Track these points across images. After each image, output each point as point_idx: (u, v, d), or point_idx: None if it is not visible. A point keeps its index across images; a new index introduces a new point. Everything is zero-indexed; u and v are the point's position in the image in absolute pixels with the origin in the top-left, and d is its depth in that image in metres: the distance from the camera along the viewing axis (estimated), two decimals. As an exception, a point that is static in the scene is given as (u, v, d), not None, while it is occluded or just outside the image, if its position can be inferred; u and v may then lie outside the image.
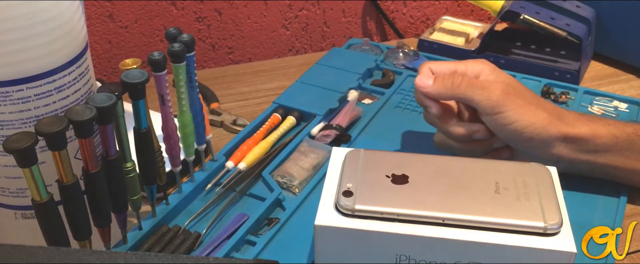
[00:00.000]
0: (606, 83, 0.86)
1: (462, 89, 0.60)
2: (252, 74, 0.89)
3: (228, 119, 0.77)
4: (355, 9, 1.04)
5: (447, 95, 0.61)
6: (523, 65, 0.86)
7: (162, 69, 0.52)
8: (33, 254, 0.40)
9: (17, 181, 0.50)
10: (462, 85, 0.60)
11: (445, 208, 0.49)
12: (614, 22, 0.89)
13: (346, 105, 0.75)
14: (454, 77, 0.61)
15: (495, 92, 0.59)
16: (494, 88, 0.59)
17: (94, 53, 0.91)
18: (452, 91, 0.60)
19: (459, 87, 0.60)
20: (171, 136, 0.57)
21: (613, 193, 0.63)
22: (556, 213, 0.49)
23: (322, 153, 0.67)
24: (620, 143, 0.59)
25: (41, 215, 0.46)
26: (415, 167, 0.54)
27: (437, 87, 0.61)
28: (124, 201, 0.52)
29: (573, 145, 0.59)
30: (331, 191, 0.52)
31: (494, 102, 0.59)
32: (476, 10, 1.12)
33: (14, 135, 0.43)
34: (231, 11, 0.96)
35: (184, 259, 0.41)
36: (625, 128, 0.60)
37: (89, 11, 0.88)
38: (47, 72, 0.47)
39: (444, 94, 0.61)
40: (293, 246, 0.57)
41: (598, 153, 0.60)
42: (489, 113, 0.59)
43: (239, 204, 0.62)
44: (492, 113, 0.59)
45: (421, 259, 0.49)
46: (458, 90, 0.60)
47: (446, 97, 0.61)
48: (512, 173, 0.53)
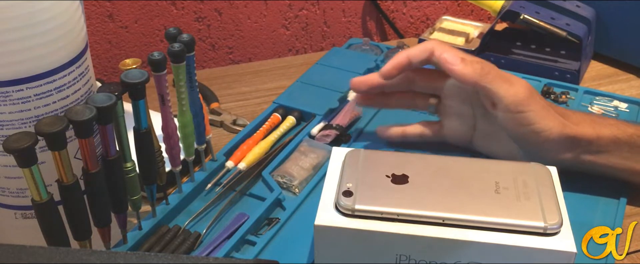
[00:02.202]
0: (606, 83, 0.86)
1: (490, 79, 0.58)
2: (252, 74, 0.89)
3: (228, 119, 0.77)
4: (355, 9, 1.04)
5: (471, 80, 0.59)
6: (523, 65, 0.86)
7: (162, 69, 0.52)
8: (33, 254, 0.40)
9: (17, 181, 0.50)
10: (490, 74, 0.58)
11: (445, 208, 0.49)
12: (614, 22, 0.89)
13: (346, 105, 0.74)
14: (483, 64, 0.59)
15: (522, 89, 0.58)
16: (520, 85, 0.58)
17: (94, 53, 0.91)
18: (479, 77, 0.58)
19: (487, 75, 0.58)
20: (171, 136, 0.57)
21: (613, 193, 0.63)
22: (556, 213, 0.49)
23: (322, 153, 0.67)
24: (621, 145, 0.59)
25: (41, 215, 0.46)
26: (415, 167, 0.54)
27: (465, 69, 0.59)
28: (124, 201, 0.52)
29: (577, 147, 0.59)
30: (331, 191, 0.52)
31: (520, 100, 0.58)
32: (476, 10, 1.12)
33: (14, 135, 0.43)
34: (231, 11, 0.96)
35: (184, 259, 0.41)
36: (627, 129, 0.60)
37: (89, 11, 0.88)
38: (47, 72, 0.47)
39: (469, 78, 0.59)
40: (293, 246, 0.57)
41: (600, 154, 0.60)
42: (511, 110, 0.58)
43: (239, 204, 0.62)
44: (515, 111, 0.58)
45: (421, 259, 0.49)
46: (485, 79, 0.58)
47: (469, 81, 0.59)
48: (512, 173, 0.53)
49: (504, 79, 0.59)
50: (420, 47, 0.63)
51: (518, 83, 0.59)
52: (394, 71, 0.63)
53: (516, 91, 0.58)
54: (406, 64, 0.63)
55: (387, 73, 0.64)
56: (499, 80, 0.58)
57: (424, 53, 0.62)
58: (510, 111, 0.58)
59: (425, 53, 0.62)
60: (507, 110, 0.58)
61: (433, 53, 0.62)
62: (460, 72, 0.59)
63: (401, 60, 0.63)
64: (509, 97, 0.58)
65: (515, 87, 0.58)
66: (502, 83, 0.58)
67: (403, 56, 0.63)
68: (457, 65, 0.59)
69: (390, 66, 0.63)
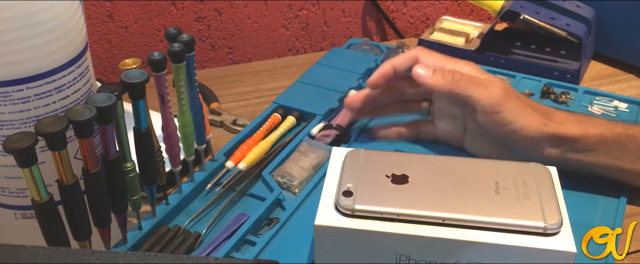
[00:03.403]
0: (606, 83, 0.86)
1: (462, 85, 0.60)
2: (252, 74, 0.89)
3: (228, 119, 0.77)
4: (355, 9, 1.04)
5: (444, 89, 0.61)
6: (523, 65, 0.86)
7: (162, 69, 0.52)
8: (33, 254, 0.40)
9: (17, 181, 0.50)
10: (461, 81, 0.60)
11: (445, 208, 0.49)
12: (614, 22, 0.89)
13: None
14: (454, 72, 0.61)
15: (496, 91, 0.59)
16: (494, 87, 0.60)
17: (94, 53, 0.91)
18: (451, 86, 0.60)
19: (458, 83, 0.60)
20: (171, 136, 0.57)
21: (613, 193, 0.63)
22: (556, 213, 0.49)
23: (322, 153, 0.67)
24: (608, 144, 0.59)
25: (41, 215, 0.46)
26: (415, 167, 0.54)
27: (436, 80, 0.61)
28: (124, 201, 0.52)
29: (562, 145, 0.60)
30: (331, 191, 0.52)
31: (494, 101, 0.59)
32: (476, 10, 1.12)
33: (14, 135, 0.43)
34: (231, 11, 0.96)
35: (184, 259, 0.41)
36: (615, 128, 0.60)
37: (89, 11, 0.88)
38: (47, 72, 0.47)
39: (441, 87, 0.61)
40: (293, 246, 0.57)
41: (586, 153, 0.60)
42: (488, 112, 0.59)
43: (239, 204, 0.62)
44: (491, 112, 0.59)
45: (421, 259, 0.49)
46: (457, 86, 0.60)
47: (443, 90, 0.61)
48: (512, 173, 0.53)
49: (477, 83, 0.60)
50: (404, 55, 0.65)
51: (492, 85, 0.60)
52: (380, 80, 0.65)
53: (490, 93, 0.59)
54: (391, 73, 0.65)
55: (374, 82, 0.66)
56: (471, 85, 0.60)
57: (408, 61, 0.64)
58: (486, 113, 0.60)
59: (409, 61, 0.64)
60: (484, 112, 0.60)
61: (417, 60, 0.64)
62: (432, 83, 0.62)
63: (386, 69, 0.65)
64: (484, 99, 0.59)
65: (488, 90, 0.59)
66: (475, 87, 0.60)
67: (388, 65, 0.65)
68: (427, 78, 0.62)
69: (376, 76, 0.65)
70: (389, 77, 0.65)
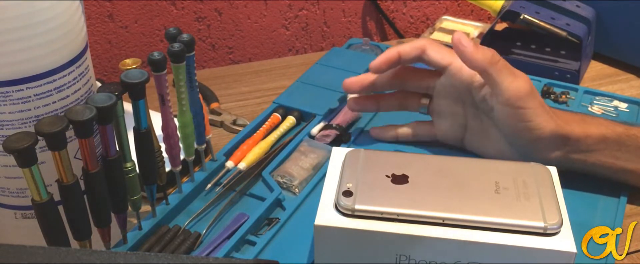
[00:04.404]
0: (606, 83, 0.86)
1: (498, 67, 0.58)
2: (252, 74, 0.89)
3: (228, 119, 0.77)
4: (355, 9, 1.04)
5: (480, 65, 0.58)
6: (523, 65, 0.86)
7: (162, 69, 0.52)
8: (33, 254, 0.40)
9: (17, 181, 0.50)
10: (499, 64, 0.58)
11: (445, 208, 0.49)
12: (614, 22, 0.89)
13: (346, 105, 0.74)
14: (494, 53, 0.59)
15: (525, 85, 0.58)
16: (524, 80, 0.58)
17: (94, 53, 0.91)
18: (489, 63, 0.58)
19: (496, 64, 0.58)
20: (171, 136, 0.57)
21: (613, 193, 0.63)
22: (556, 213, 0.49)
23: (322, 153, 0.67)
24: (610, 144, 0.59)
25: (41, 215, 0.46)
26: (415, 167, 0.54)
27: (477, 53, 0.58)
28: (124, 201, 0.52)
29: (566, 145, 0.60)
30: (331, 191, 0.52)
31: (522, 95, 0.58)
32: (476, 10, 1.12)
33: (14, 135, 0.43)
34: (231, 11, 0.96)
35: (184, 259, 0.41)
36: (616, 128, 0.60)
37: (89, 11, 0.88)
38: (47, 72, 0.47)
39: (479, 62, 0.58)
40: (293, 246, 0.57)
41: (589, 153, 0.60)
42: (511, 104, 0.58)
43: (239, 204, 0.62)
44: (514, 105, 0.58)
45: (421, 259, 0.49)
46: (494, 67, 0.58)
47: (478, 65, 0.58)
48: (512, 173, 0.53)
49: (510, 71, 0.59)
50: (412, 44, 0.63)
51: (522, 78, 0.59)
52: (383, 65, 0.64)
53: (519, 85, 0.58)
54: (396, 59, 0.64)
55: (377, 66, 0.64)
56: (505, 71, 0.58)
57: (415, 50, 0.63)
58: (509, 105, 0.58)
59: (416, 51, 0.63)
60: (506, 103, 0.58)
61: (424, 51, 0.63)
62: (472, 55, 0.58)
63: (391, 54, 0.64)
64: (512, 90, 0.58)
65: (518, 81, 0.58)
66: (508, 75, 0.58)
67: (394, 51, 0.64)
68: (469, 47, 0.59)
69: (380, 60, 0.64)
70: (393, 63, 0.64)
